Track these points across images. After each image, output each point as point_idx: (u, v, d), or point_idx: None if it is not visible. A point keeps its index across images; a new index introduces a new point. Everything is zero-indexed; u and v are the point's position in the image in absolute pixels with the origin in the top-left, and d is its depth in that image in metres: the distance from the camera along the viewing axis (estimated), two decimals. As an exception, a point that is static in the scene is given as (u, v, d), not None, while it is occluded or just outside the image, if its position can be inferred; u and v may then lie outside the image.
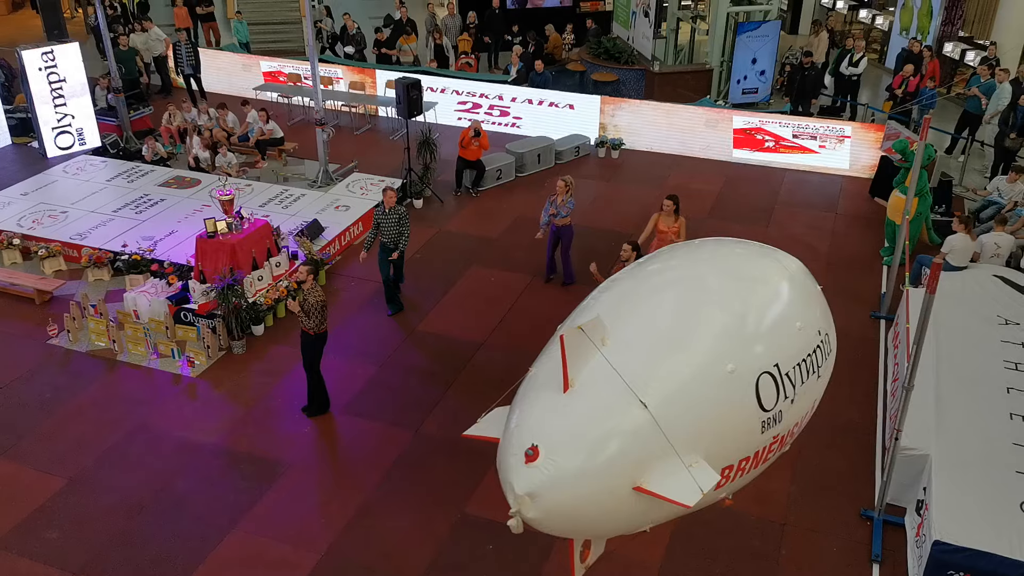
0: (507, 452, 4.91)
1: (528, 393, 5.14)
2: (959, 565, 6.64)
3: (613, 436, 4.78)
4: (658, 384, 4.91)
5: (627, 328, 5.18)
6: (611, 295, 5.79)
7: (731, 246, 6.42)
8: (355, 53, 19.51)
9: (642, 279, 5.94)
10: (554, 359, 4.98)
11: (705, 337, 5.29)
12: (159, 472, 8.47)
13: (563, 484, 4.70)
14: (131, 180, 14.10)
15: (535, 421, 4.88)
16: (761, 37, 17.37)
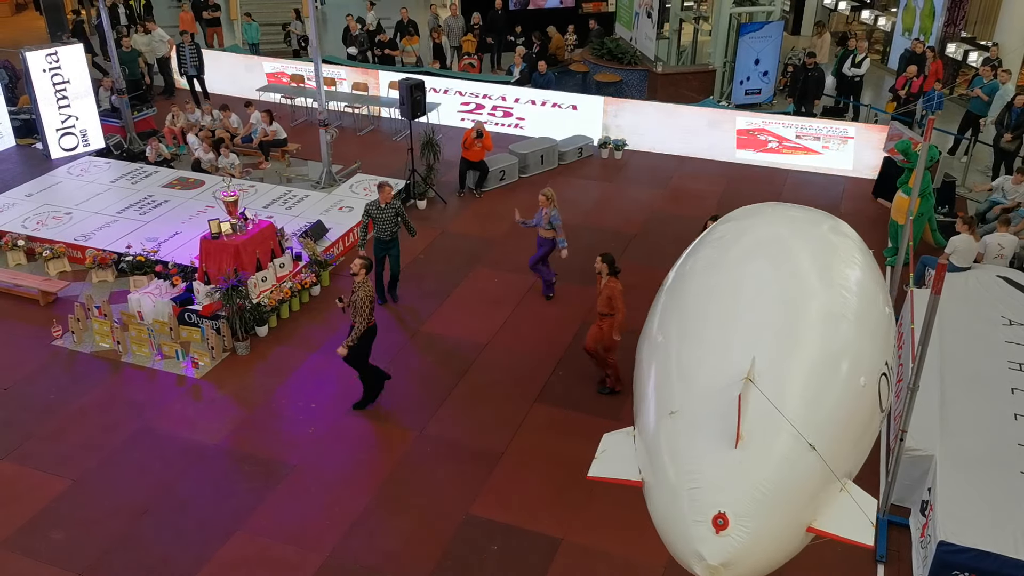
0: (687, 520, 4.74)
1: (682, 445, 4.93)
2: (964, 566, 6.64)
3: (792, 487, 4.71)
4: (813, 418, 4.84)
5: (762, 357, 5.03)
6: (719, 316, 5.62)
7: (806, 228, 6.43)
8: (358, 54, 19.54)
9: (740, 292, 5.76)
10: (698, 399, 4.88)
11: (839, 354, 5.25)
12: (163, 473, 8.48)
13: (757, 547, 4.64)
14: (135, 181, 14.13)
15: (714, 484, 4.72)
16: (764, 38, 17.37)
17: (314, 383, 9.76)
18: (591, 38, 20.38)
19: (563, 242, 10.82)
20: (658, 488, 5.03)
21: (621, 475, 5.27)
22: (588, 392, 9.56)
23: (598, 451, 5.54)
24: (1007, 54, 16.54)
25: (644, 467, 5.26)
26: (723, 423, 4.81)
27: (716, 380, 5.09)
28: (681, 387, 5.27)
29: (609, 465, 5.39)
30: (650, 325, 6.34)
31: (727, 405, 4.82)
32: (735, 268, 6.15)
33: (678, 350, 5.60)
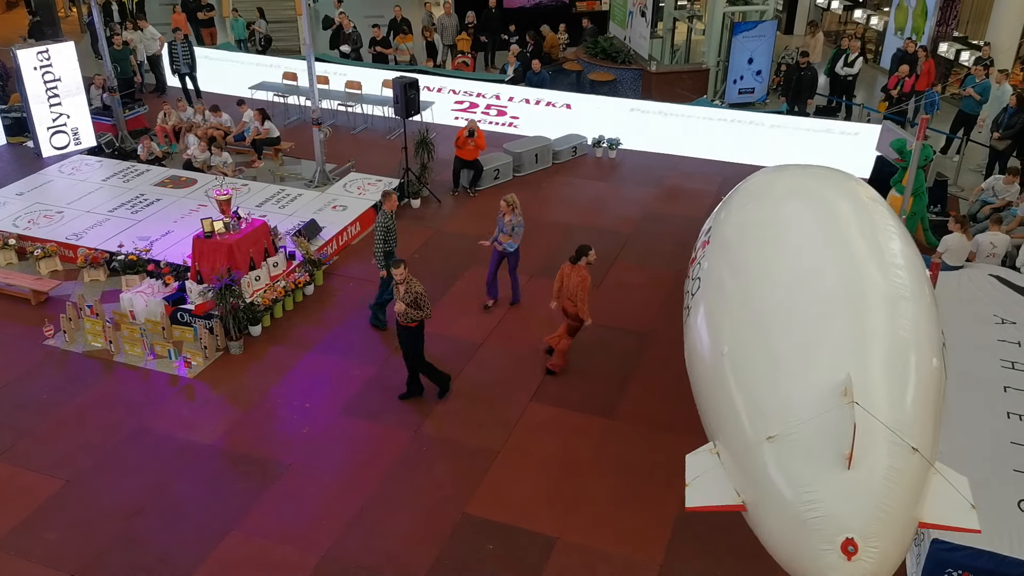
0: (815, 549, 4.77)
1: (792, 471, 4.92)
2: (958, 563, 6.65)
3: (905, 494, 4.77)
4: (906, 415, 4.90)
5: (847, 365, 5.07)
6: (793, 326, 5.60)
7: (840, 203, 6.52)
8: (351, 52, 19.50)
9: (806, 297, 5.77)
10: (797, 422, 4.89)
11: (914, 341, 5.34)
12: (157, 473, 8.44)
13: (886, 563, 4.72)
14: (127, 180, 14.06)
15: (837, 511, 4.74)
16: (757, 37, 17.39)
17: (308, 383, 9.74)
18: (585, 37, 20.38)
19: (511, 246, 10.63)
20: (772, 515, 5.04)
21: (720, 501, 5.27)
22: (583, 390, 9.57)
23: (688, 478, 5.47)
24: (999, 53, 16.62)
25: (745, 490, 5.24)
26: (828, 444, 4.82)
27: (810, 400, 5.08)
28: (775, 408, 5.22)
29: (705, 492, 5.36)
30: (702, 336, 6.27)
31: (829, 426, 4.83)
32: (794, 271, 6.10)
33: (759, 367, 5.53)
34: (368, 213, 13.16)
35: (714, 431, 5.87)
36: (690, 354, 6.67)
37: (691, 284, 7.27)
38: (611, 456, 8.65)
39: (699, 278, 6.94)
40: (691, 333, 6.69)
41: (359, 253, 12.56)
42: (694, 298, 6.92)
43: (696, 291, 6.94)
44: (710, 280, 6.76)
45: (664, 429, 8.98)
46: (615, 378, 9.76)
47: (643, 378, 9.73)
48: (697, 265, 7.27)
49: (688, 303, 7.14)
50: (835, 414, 4.82)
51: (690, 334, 6.73)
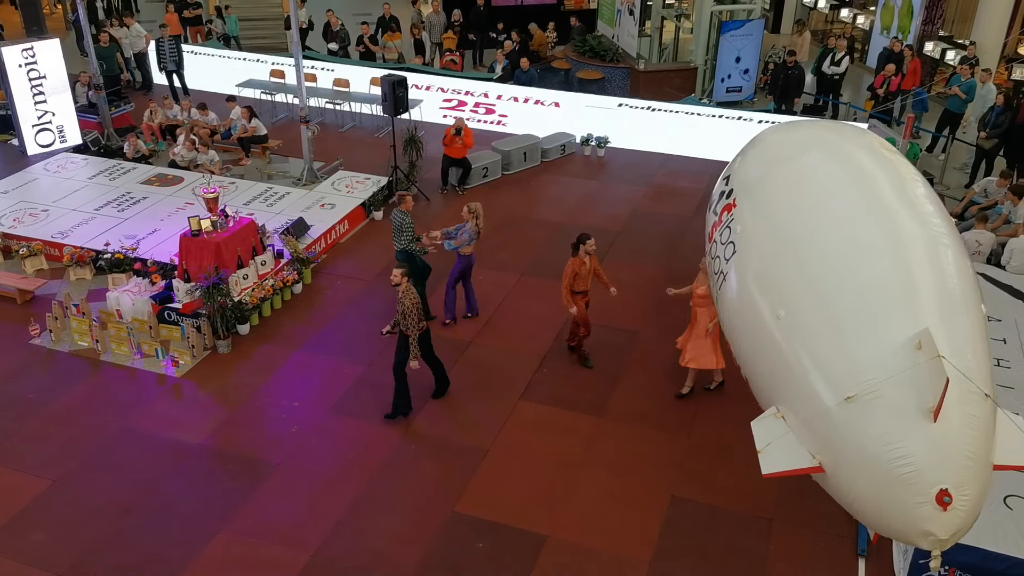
0: (909, 504, 4.88)
1: (875, 430, 5.00)
2: (945, 559, 6.67)
3: (985, 440, 4.92)
4: (973, 364, 5.06)
5: (915, 317, 5.24)
6: (850, 283, 5.68)
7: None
8: (339, 50, 19.45)
9: (856, 250, 5.87)
10: (874, 381, 5.02)
11: (967, 287, 5.55)
12: (145, 473, 8.40)
13: (975, 508, 4.90)
14: (113, 178, 13.98)
15: (928, 464, 4.84)
16: (745, 36, 17.46)
17: (297, 381, 9.71)
18: (573, 35, 20.40)
19: (450, 245, 10.28)
20: (858, 474, 5.10)
21: (796, 466, 5.32)
22: (572, 388, 9.58)
23: (759, 445, 5.50)
24: (984, 53, 16.74)
25: (822, 452, 5.28)
26: (909, 399, 4.95)
27: (883, 358, 5.17)
28: (846, 369, 5.28)
29: (779, 458, 5.40)
30: (749, 301, 6.30)
31: (908, 381, 4.95)
32: (836, 228, 6.16)
33: (821, 329, 5.57)
34: (357, 211, 13.13)
35: (774, 396, 5.87)
36: (733, 319, 6.65)
37: (720, 249, 7.18)
38: (601, 454, 8.66)
39: (732, 242, 6.85)
40: (731, 299, 6.66)
41: (347, 251, 12.53)
42: (730, 263, 6.86)
43: (731, 256, 6.86)
44: (748, 244, 6.71)
45: (654, 426, 9.01)
46: (605, 376, 9.78)
47: (633, 376, 9.75)
48: (726, 229, 7.18)
49: (721, 268, 7.05)
50: (914, 369, 4.95)
51: (730, 300, 6.69)
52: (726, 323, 6.99)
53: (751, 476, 8.28)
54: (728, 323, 6.91)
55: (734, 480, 8.30)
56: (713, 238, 7.62)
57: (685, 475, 8.38)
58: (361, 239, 12.91)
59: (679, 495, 8.13)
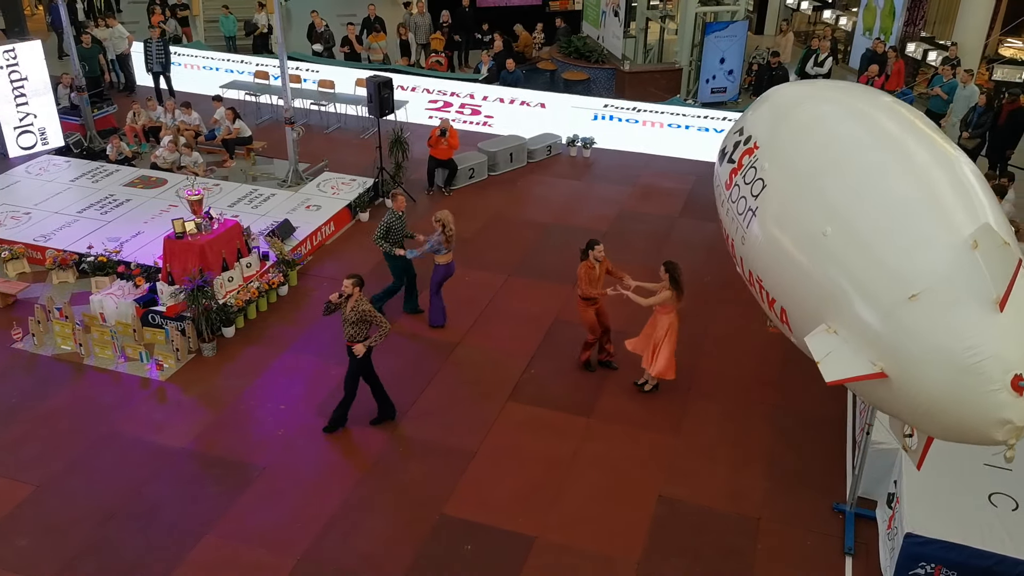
0: (982, 392, 4.96)
1: (941, 325, 5.10)
2: (931, 557, 6.75)
3: None
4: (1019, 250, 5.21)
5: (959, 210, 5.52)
6: (891, 193, 5.88)
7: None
8: (324, 51, 19.38)
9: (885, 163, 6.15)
10: (936, 276, 5.19)
11: (992, 200, 5.84)
12: (130, 478, 8.32)
13: None
14: (96, 180, 13.86)
15: (999, 351, 4.96)
16: (729, 37, 17.54)
17: (283, 384, 9.66)
18: (558, 36, 20.42)
19: (413, 253, 10.32)
20: (928, 372, 5.14)
21: (859, 372, 5.37)
22: (561, 389, 9.58)
23: (818, 356, 5.55)
24: (965, 54, 16.87)
25: (883, 358, 5.33)
26: (971, 292, 5.06)
27: (938, 254, 5.30)
28: (905, 269, 5.39)
29: (840, 367, 5.44)
30: (787, 229, 6.42)
31: (968, 274, 5.10)
32: (868, 146, 6.40)
33: (872, 237, 5.70)
34: (342, 213, 13.08)
35: (822, 314, 5.91)
36: (765, 251, 6.71)
37: (744, 190, 7.22)
38: (589, 454, 8.66)
39: (760, 179, 6.93)
40: (766, 233, 6.71)
41: (333, 253, 12.48)
42: (758, 198, 6.91)
43: (760, 191, 6.91)
44: (779, 175, 6.82)
45: (642, 427, 9.02)
46: (593, 376, 9.78)
47: (620, 376, 9.75)
48: (749, 170, 7.25)
49: (748, 207, 7.07)
50: (976, 262, 5.08)
51: (764, 235, 6.74)
52: (756, 259, 7.00)
53: (739, 476, 8.35)
54: (758, 257, 6.93)
55: (722, 480, 8.32)
56: (733, 183, 7.64)
57: (673, 475, 8.39)
58: (347, 240, 12.87)
59: (667, 495, 8.14)
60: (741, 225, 7.21)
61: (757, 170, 7.09)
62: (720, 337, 10.52)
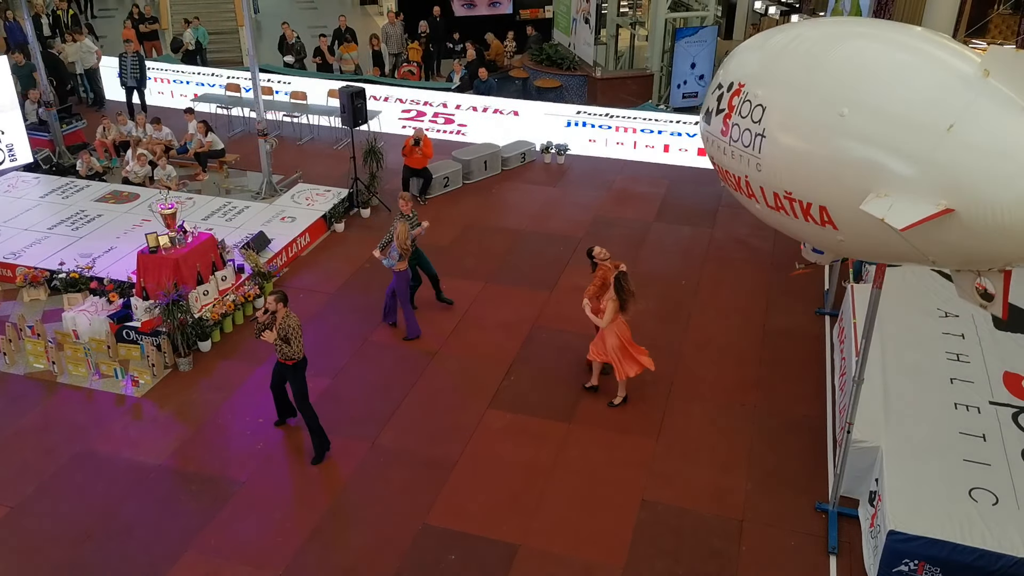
0: None
1: (996, 135, 5.23)
2: (913, 553, 6.79)
3: None
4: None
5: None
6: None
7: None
8: (295, 62, 19.30)
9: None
10: (956, 104, 5.36)
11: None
12: (105, 497, 8.18)
13: None
14: (66, 196, 13.68)
15: None
16: (699, 43, 17.68)
17: (261, 397, 9.52)
18: (530, 44, 20.48)
19: (389, 262, 10.27)
20: (996, 191, 5.25)
21: (926, 213, 5.46)
22: (541, 396, 9.55)
23: (881, 212, 5.64)
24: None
25: (945, 196, 5.46)
26: (1003, 107, 5.23)
27: (958, 90, 5.47)
28: (934, 110, 5.52)
29: (906, 213, 5.54)
30: (802, 127, 6.50)
31: (998, 92, 5.28)
32: (859, 40, 6.52)
33: (887, 104, 5.84)
34: (318, 224, 13.00)
35: (863, 191, 6.03)
36: (790, 163, 6.79)
37: (746, 123, 7.29)
38: (570, 460, 8.64)
39: (759, 105, 7.06)
40: (783, 146, 6.82)
41: (309, 264, 12.39)
42: (763, 122, 7.02)
43: (762, 116, 7.03)
44: (775, 93, 6.93)
45: (622, 431, 9.01)
46: (572, 382, 9.77)
47: (600, 381, 9.74)
48: (744, 104, 7.36)
49: (756, 133, 7.10)
50: (994, 84, 5.29)
51: (781, 149, 6.84)
52: (779, 176, 7.11)
53: (721, 478, 8.37)
54: (782, 172, 7.05)
55: (704, 482, 8.33)
56: (729, 127, 7.75)
57: (655, 478, 8.39)
58: (323, 251, 12.79)
59: (649, 499, 8.13)
60: (753, 156, 7.31)
61: (752, 101, 7.26)
62: (698, 340, 10.55)
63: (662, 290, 11.50)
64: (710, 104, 8.31)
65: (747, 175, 7.51)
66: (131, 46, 17.54)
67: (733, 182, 7.96)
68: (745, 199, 7.85)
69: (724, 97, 7.93)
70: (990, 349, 8.94)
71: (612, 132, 15.95)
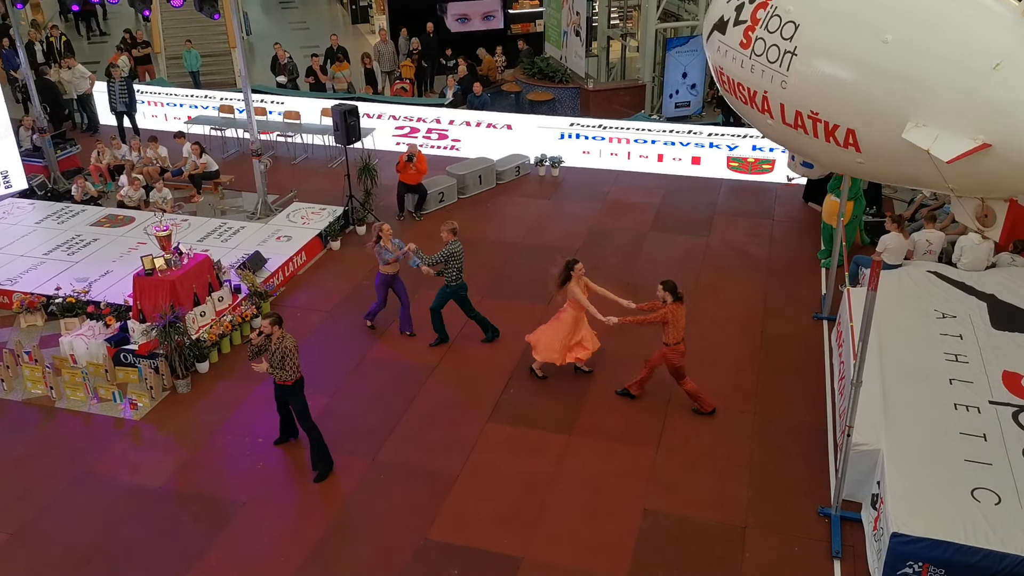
0: None
1: None
2: (917, 555, 6.76)
3: None
4: None
5: None
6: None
7: None
8: (288, 82, 19.38)
9: None
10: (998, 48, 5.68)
11: None
12: (105, 521, 8.15)
13: None
14: (61, 221, 13.70)
15: None
16: (690, 52, 17.74)
17: (260, 417, 9.52)
18: (521, 58, 20.57)
19: (414, 262, 10.54)
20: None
21: (969, 147, 5.77)
22: (540, 408, 9.54)
23: (926, 144, 5.88)
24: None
25: (982, 131, 5.75)
26: None
27: (1002, 30, 5.80)
28: (978, 48, 5.79)
29: (950, 146, 5.80)
30: (843, 48, 6.62)
31: None
32: None
33: (933, 34, 6.08)
34: (314, 242, 13.01)
35: (899, 119, 6.25)
36: (823, 84, 6.88)
37: (774, 38, 7.34)
38: (571, 471, 8.61)
39: (790, 22, 7.10)
40: (816, 66, 6.89)
41: (306, 283, 12.40)
42: (795, 39, 7.07)
43: (794, 33, 7.07)
44: (809, 11, 6.99)
45: (622, 441, 8.99)
46: (571, 393, 9.75)
47: (599, 391, 9.74)
48: (772, 19, 7.38)
49: (786, 50, 7.19)
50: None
51: (814, 69, 6.92)
52: (808, 95, 7.16)
53: (722, 485, 8.34)
54: (812, 92, 7.12)
55: (705, 490, 8.31)
56: (752, 40, 7.71)
57: (656, 487, 8.36)
58: (319, 270, 12.79)
59: (651, 508, 8.10)
60: (778, 72, 7.31)
61: (781, 16, 7.30)
62: (695, 348, 10.51)
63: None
64: (725, 13, 8.28)
65: (767, 91, 7.56)
66: (117, 71, 17.54)
67: (746, 95, 7.96)
68: (755, 114, 7.91)
69: (747, 8, 7.91)
70: (988, 349, 8.94)
71: (606, 143, 16.00)
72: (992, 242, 10.72)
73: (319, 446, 8.60)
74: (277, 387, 8.56)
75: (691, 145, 15.57)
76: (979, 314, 9.58)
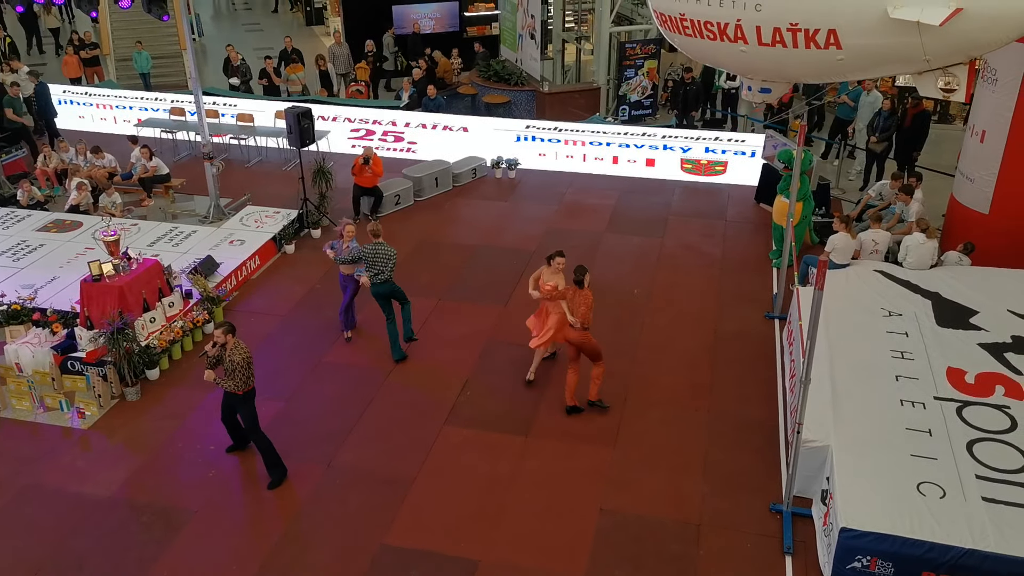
0: None
1: None
2: (865, 549, 6.90)
3: None
4: None
5: None
6: None
7: None
8: (240, 85, 19.16)
9: None
10: None
11: None
12: (55, 532, 7.97)
13: None
14: (6, 227, 13.38)
15: None
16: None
17: (212, 424, 9.35)
18: (477, 61, 20.59)
19: (359, 271, 10.45)
20: None
21: (946, 15, 6.71)
22: (497, 410, 9.55)
23: (916, 15, 6.84)
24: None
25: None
26: None
27: None
28: None
29: (935, 12, 6.75)
30: None
31: None
32: None
33: None
34: (268, 246, 12.88)
35: (878, 9, 7.12)
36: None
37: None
38: (529, 472, 8.64)
39: None
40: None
41: (260, 287, 12.26)
42: None
43: None
44: None
45: (579, 440, 9.04)
46: (528, 394, 9.78)
47: (556, 392, 9.77)
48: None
49: None
50: None
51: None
52: (786, 8, 7.77)
53: (678, 483, 8.43)
54: (790, 4, 7.78)
55: (662, 488, 8.39)
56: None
57: (613, 486, 8.42)
58: (274, 273, 12.66)
59: (608, 507, 8.16)
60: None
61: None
62: (651, 346, 10.65)
63: (616, 298, 11.59)
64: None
65: (740, 18, 8.31)
66: (16, 88, 16.60)
67: (716, 31, 8.64)
68: (725, 47, 8.61)
69: None
70: (933, 346, 9.15)
71: (561, 146, 16.09)
72: (936, 242, 11.00)
73: (270, 454, 8.51)
74: (226, 396, 8.44)
75: (645, 147, 15.73)
76: (924, 312, 9.81)
